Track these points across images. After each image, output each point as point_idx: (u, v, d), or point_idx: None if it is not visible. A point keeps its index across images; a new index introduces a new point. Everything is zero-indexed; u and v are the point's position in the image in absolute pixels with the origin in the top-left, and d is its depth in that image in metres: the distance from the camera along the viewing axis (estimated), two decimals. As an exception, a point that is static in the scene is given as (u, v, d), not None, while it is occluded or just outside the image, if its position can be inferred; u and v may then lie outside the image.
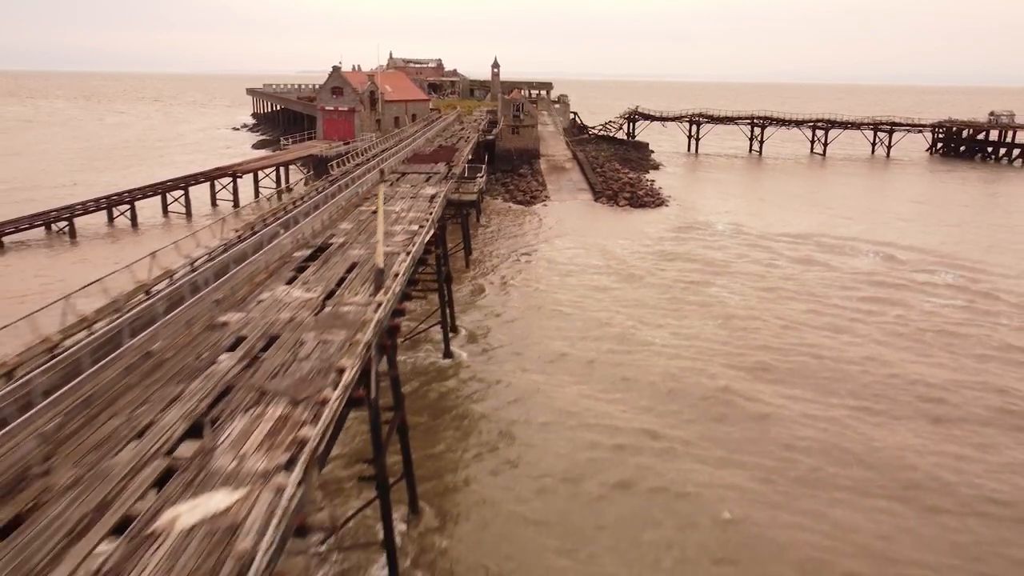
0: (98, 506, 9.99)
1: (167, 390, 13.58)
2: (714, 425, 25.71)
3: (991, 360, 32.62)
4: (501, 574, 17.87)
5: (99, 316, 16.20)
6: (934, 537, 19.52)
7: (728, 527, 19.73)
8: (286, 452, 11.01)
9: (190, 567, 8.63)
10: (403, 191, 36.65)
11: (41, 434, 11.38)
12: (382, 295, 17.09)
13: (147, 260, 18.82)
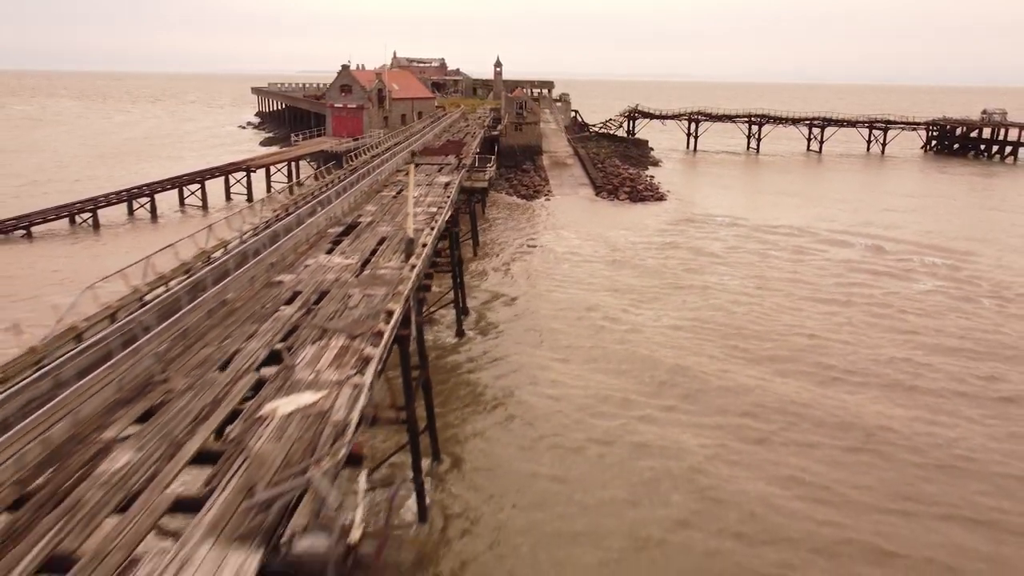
0: (212, 402, 12.85)
1: (244, 328, 16.45)
2: (687, 393, 28.39)
3: (963, 338, 35.43)
4: (508, 500, 20.62)
5: (174, 274, 19.08)
6: (870, 478, 22.29)
7: (690, 471, 22.45)
8: (353, 368, 13.85)
9: (295, 437, 11.47)
10: (419, 179, 39.53)
11: (156, 354, 14.24)
12: (415, 258, 19.93)
13: (194, 236, 21.70)
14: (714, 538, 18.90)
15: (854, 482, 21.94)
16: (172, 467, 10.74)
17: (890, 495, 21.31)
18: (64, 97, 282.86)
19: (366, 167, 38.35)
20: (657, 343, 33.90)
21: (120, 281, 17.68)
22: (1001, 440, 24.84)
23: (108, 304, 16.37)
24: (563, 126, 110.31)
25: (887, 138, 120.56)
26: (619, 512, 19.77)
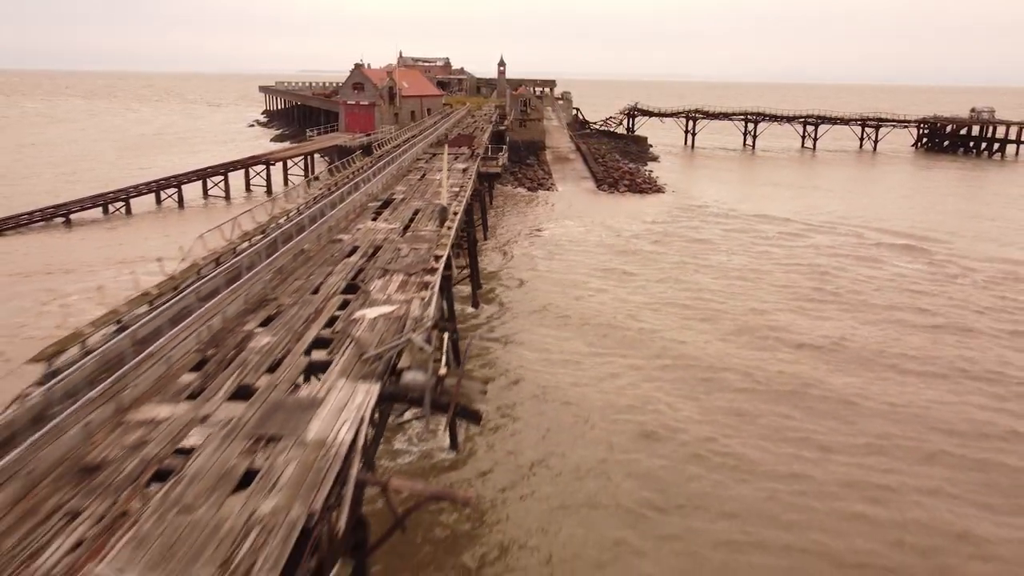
0: (315, 311, 17.36)
1: (322, 269, 20.97)
2: (652, 354, 32.62)
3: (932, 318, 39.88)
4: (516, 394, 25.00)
5: (255, 232, 23.58)
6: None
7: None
8: (416, 292, 18.34)
9: (383, 329, 15.96)
10: (439, 166, 43.97)
11: (263, 281, 18.73)
12: (450, 221, 24.43)
13: (253, 211, 26.18)
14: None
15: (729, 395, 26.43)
16: (300, 346, 15.23)
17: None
18: (71, 96, 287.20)
19: (391, 155, 42.87)
20: (634, 313, 38.15)
21: (194, 246, 22.09)
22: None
23: (213, 250, 20.85)
24: (565, 123, 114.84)
25: (879, 135, 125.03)
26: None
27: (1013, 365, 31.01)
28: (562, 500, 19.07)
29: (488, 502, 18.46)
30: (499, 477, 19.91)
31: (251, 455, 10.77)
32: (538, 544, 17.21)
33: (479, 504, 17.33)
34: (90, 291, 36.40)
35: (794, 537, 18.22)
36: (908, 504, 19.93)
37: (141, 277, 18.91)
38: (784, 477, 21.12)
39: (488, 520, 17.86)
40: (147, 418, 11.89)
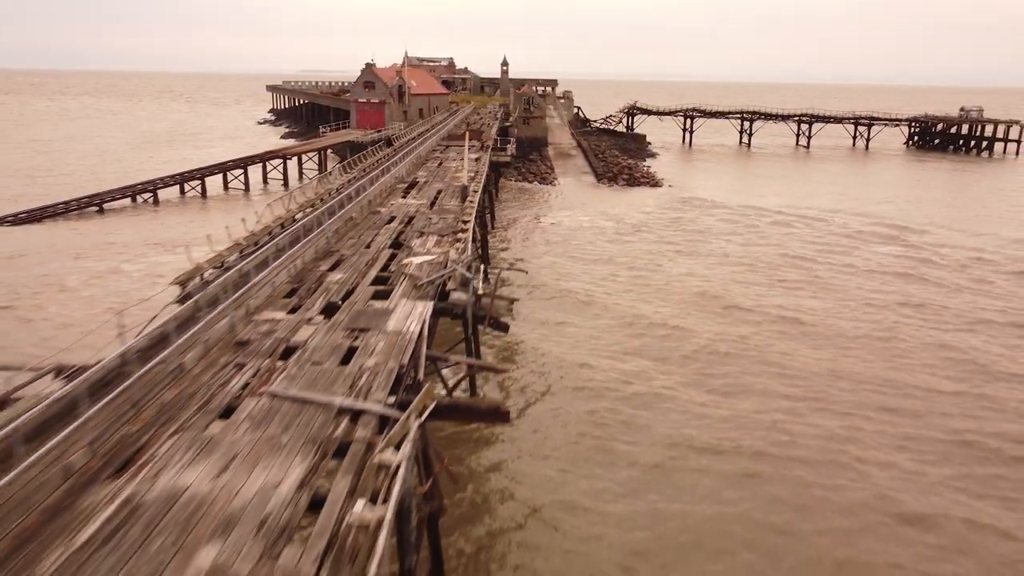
0: (371, 259, 22.03)
1: (370, 232, 25.64)
2: (634, 331, 37.38)
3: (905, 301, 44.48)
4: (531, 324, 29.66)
5: (307, 204, 28.23)
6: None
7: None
8: (450, 246, 22.97)
9: (427, 270, 20.58)
10: (452, 156, 48.79)
11: (327, 238, 23.37)
12: (469, 199, 29.07)
13: (291, 194, 30.79)
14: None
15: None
16: (365, 280, 19.89)
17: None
18: (77, 95, 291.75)
19: (409, 146, 47.57)
20: (620, 289, 42.93)
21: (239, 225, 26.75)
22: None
23: (278, 216, 25.51)
24: (567, 121, 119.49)
25: (871, 134, 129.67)
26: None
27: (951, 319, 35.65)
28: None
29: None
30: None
31: (351, 338, 15.42)
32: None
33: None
34: (149, 268, 41.20)
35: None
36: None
37: (193, 252, 23.28)
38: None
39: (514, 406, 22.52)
40: (268, 318, 16.54)
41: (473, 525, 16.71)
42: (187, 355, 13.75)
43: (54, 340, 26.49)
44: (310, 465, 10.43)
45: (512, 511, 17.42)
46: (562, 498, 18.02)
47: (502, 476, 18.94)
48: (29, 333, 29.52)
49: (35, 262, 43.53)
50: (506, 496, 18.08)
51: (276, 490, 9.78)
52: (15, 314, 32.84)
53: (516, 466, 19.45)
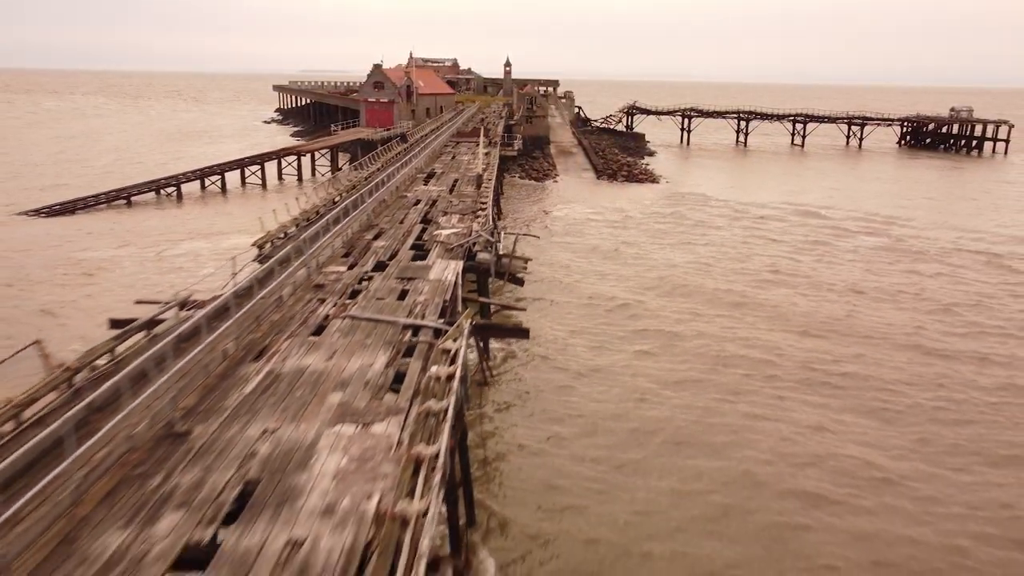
0: (405, 232, 26.51)
1: (401, 212, 30.11)
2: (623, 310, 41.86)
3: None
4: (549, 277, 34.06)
5: (344, 190, 32.68)
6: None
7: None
8: (472, 221, 27.40)
9: (454, 239, 25.02)
10: (463, 151, 53.28)
11: (367, 214, 27.82)
12: (485, 184, 33.53)
13: (319, 186, 35.21)
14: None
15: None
16: (404, 246, 24.33)
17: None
18: (86, 95, 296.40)
19: (424, 142, 52.06)
20: (617, 274, 47.33)
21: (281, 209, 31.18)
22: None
23: (322, 198, 29.95)
24: (568, 121, 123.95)
25: (864, 133, 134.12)
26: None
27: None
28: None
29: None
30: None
31: (402, 284, 19.89)
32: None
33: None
34: (192, 251, 45.69)
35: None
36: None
37: (236, 239, 27.76)
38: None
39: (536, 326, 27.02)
40: (334, 271, 21.00)
41: (503, 396, 21.36)
42: (283, 291, 18.17)
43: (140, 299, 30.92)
44: (390, 356, 14.85)
45: (524, 387, 22.12)
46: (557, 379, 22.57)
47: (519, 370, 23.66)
48: (118, 293, 33.90)
49: (80, 247, 47.89)
50: (520, 379, 22.81)
51: (371, 367, 14.21)
52: (99, 278, 37.61)
53: (530, 369, 24.10)
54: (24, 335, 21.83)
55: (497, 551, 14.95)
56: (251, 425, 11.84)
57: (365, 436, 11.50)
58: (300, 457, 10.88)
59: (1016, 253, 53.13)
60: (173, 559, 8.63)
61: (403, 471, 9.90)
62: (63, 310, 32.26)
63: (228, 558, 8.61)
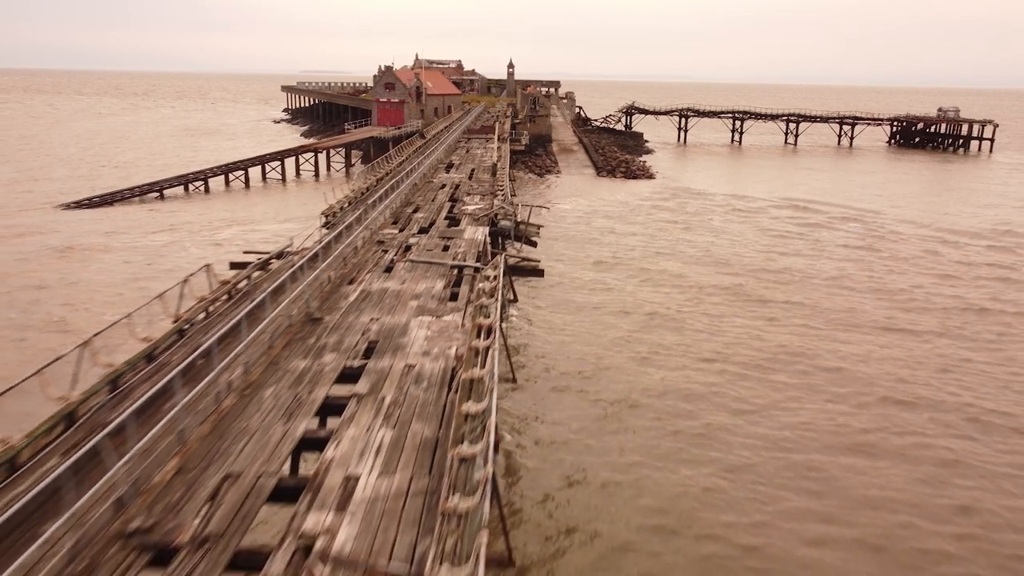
0: (438, 206, 32.63)
1: (431, 193, 36.22)
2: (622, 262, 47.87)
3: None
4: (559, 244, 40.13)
5: (380, 177, 38.74)
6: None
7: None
8: (492, 199, 33.48)
9: (479, 212, 31.10)
10: (476, 145, 59.36)
11: (404, 195, 33.92)
12: (500, 172, 39.63)
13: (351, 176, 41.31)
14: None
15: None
16: (440, 216, 30.42)
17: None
18: (95, 95, 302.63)
19: (440, 138, 58.17)
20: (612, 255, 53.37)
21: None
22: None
23: (366, 182, 36.01)
24: (569, 120, 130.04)
25: (854, 132, 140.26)
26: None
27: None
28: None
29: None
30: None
31: (444, 241, 26.02)
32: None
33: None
34: (237, 235, 51.71)
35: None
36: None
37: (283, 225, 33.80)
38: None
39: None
40: (388, 232, 27.08)
41: (526, 308, 27.63)
42: (356, 244, 24.24)
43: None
44: (445, 282, 20.94)
45: (541, 302, 28.37)
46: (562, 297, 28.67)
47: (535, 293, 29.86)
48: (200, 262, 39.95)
49: (141, 234, 53.92)
50: (537, 297, 29.09)
51: (434, 288, 20.30)
52: (177, 252, 43.86)
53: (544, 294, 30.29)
54: (159, 287, 28.06)
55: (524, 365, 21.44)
56: (361, 316, 17.90)
57: (439, 322, 17.56)
58: (400, 330, 16.93)
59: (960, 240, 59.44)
60: (339, 373, 14.62)
61: (469, 334, 15.91)
62: (173, 270, 38.25)
63: (372, 372, 14.62)
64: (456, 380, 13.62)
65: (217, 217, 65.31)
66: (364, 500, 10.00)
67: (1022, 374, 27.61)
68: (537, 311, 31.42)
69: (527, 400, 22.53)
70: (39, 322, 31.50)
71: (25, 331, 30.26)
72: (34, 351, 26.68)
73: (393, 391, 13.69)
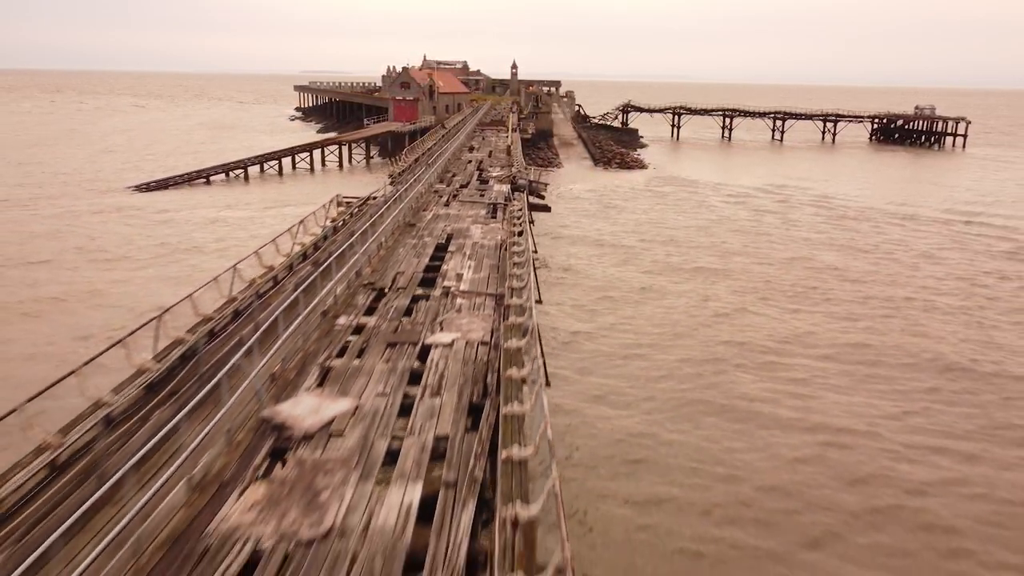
0: (468, 175, 44.27)
1: (462, 166, 47.97)
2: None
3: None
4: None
5: (419, 156, 50.39)
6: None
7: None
8: (507, 168, 45.12)
9: (501, 176, 42.72)
10: (488, 135, 71.07)
11: (444, 166, 45.53)
12: (513, 152, 51.30)
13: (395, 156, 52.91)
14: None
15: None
16: (472, 180, 42.09)
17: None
18: (107, 95, 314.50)
19: (459, 129, 69.76)
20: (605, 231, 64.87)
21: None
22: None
23: (413, 158, 47.62)
24: (569, 117, 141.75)
25: (837, 129, 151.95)
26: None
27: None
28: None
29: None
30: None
31: (479, 192, 37.72)
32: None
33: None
34: (293, 214, 63.30)
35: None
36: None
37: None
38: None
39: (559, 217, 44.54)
40: (438, 187, 38.62)
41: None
42: (420, 192, 35.83)
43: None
44: (487, 212, 32.56)
45: (547, 227, 39.76)
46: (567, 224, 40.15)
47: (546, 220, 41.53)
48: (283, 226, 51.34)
49: (214, 211, 65.30)
50: (546, 223, 40.58)
51: (479, 213, 32.18)
52: (253, 223, 55.15)
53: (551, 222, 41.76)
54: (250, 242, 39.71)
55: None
56: (438, 224, 29.64)
57: (487, 227, 29.20)
58: (464, 231, 28.58)
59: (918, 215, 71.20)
60: (435, 245, 26.21)
61: (508, 232, 27.32)
62: (275, 228, 49.68)
63: (454, 244, 26.31)
64: (503, 246, 25.17)
65: (270, 198, 76.68)
66: (468, 279, 21.56)
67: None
68: (543, 227, 42.40)
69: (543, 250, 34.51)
70: (189, 264, 43.13)
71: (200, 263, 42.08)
72: (214, 270, 38.46)
73: (468, 250, 25.36)
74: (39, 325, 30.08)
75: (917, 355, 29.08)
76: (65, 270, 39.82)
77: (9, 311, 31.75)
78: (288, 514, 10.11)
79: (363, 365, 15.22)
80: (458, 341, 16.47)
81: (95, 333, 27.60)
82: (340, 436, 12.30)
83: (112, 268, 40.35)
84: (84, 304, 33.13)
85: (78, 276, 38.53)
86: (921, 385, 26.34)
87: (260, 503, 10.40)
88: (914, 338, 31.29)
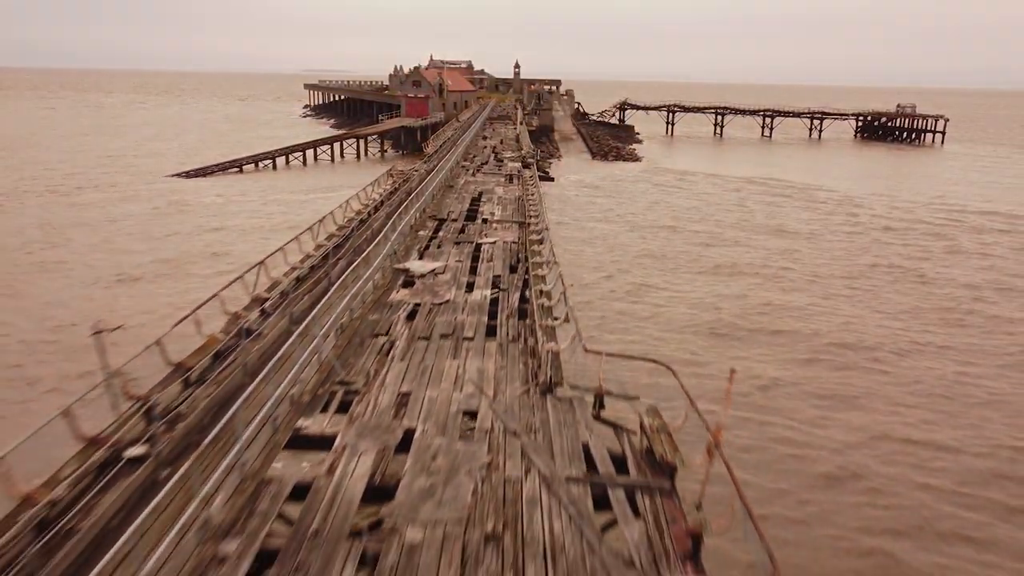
0: (486, 156, 54.69)
1: (477, 151, 58.38)
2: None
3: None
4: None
5: (443, 143, 60.86)
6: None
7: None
8: (517, 152, 55.60)
9: (510, 148, 53.20)
10: (498, 127, 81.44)
11: (464, 150, 55.99)
12: (522, 139, 61.79)
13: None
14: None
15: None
16: (489, 160, 52.57)
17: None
18: (118, 92, 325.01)
19: (471, 121, 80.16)
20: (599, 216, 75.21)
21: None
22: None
23: (444, 140, 58.08)
24: (569, 115, 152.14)
25: (823, 126, 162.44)
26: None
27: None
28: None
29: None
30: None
31: (497, 166, 48.17)
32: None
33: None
34: (335, 197, 73.60)
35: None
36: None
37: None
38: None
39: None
40: (463, 163, 49.03)
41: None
42: (449, 166, 46.27)
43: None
44: (505, 180, 43.06)
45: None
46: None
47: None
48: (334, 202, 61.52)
49: (260, 195, 75.48)
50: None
51: (500, 180, 42.52)
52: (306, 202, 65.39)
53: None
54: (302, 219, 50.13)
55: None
56: (470, 186, 40.15)
57: (507, 188, 39.60)
58: (491, 191, 39.13)
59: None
60: (471, 197, 36.51)
61: (524, 190, 37.65)
62: (318, 211, 59.85)
63: (486, 197, 36.60)
64: (521, 199, 35.60)
65: (304, 186, 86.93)
66: (498, 215, 31.92)
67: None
68: (548, 193, 52.99)
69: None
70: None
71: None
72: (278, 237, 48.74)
73: (496, 200, 35.77)
74: (198, 269, 40.63)
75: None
76: (193, 237, 49.65)
77: (194, 260, 42.24)
78: (424, 296, 20.49)
79: (443, 251, 25.61)
80: (499, 242, 26.83)
81: (237, 269, 38.22)
82: (441, 274, 22.68)
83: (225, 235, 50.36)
84: (216, 260, 43.65)
85: (199, 240, 48.68)
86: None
87: (407, 294, 20.76)
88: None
